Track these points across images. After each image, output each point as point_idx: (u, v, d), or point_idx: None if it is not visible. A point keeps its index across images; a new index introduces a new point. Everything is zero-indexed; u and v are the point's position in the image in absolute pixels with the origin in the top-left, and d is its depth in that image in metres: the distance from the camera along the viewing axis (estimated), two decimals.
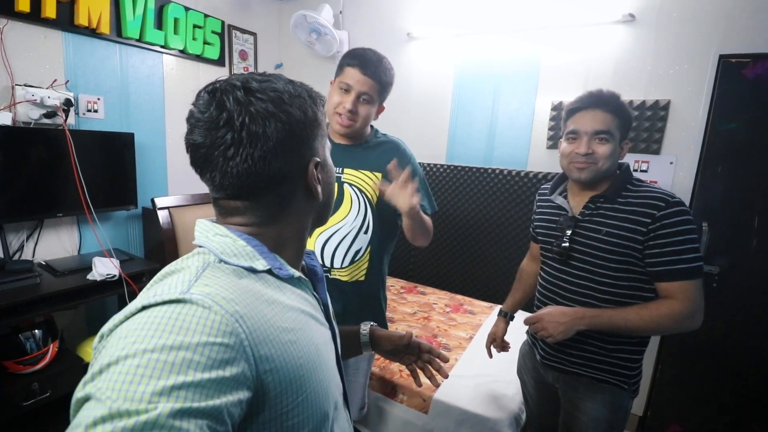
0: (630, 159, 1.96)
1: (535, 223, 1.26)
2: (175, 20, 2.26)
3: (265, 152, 0.48)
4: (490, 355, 1.40)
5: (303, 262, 0.64)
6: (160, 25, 2.21)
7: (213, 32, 2.48)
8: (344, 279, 1.24)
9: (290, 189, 0.53)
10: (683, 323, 0.96)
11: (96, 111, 2.01)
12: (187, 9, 2.31)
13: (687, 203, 1.86)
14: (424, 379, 0.85)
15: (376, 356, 1.73)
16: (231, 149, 0.47)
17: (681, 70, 1.85)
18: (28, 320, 1.64)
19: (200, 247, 0.51)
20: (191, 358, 0.36)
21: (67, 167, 1.79)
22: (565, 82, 2.11)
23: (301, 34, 2.56)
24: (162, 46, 2.24)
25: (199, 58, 2.45)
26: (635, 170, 1.97)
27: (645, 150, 1.94)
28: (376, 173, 1.22)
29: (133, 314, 0.40)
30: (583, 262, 1.06)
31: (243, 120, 0.46)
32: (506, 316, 1.39)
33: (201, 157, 0.50)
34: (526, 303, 1.40)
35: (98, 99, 2.02)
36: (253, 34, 2.80)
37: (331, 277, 1.23)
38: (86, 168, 1.84)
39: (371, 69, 1.14)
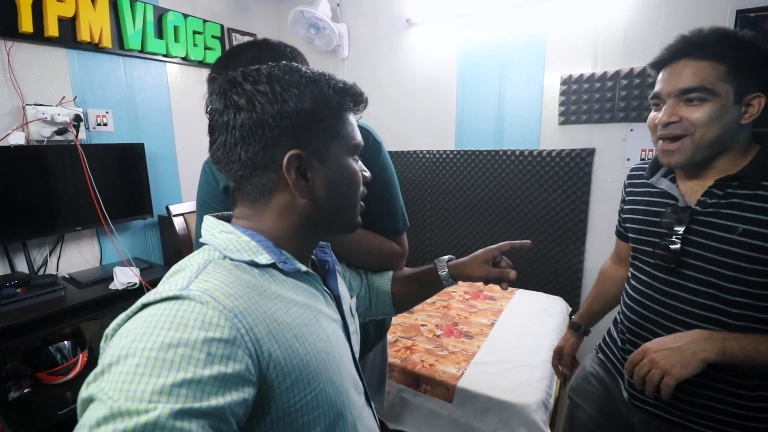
0: (645, 127, 1.88)
1: (624, 215, 0.93)
2: (175, 28, 2.27)
3: (234, 140, 0.49)
4: (559, 376, 1.17)
5: (314, 256, 0.63)
6: (160, 34, 2.23)
7: (213, 37, 2.49)
8: None
9: (269, 180, 0.50)
10: None
11: (105, 124, 2.05)
12: (185, 16, 2.32)
13: None
14: (445, 367, 0.84)
15: (396, 348, 1.72)
16: (215, 133, 0.51)
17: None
18: (56, 332, 1.69)
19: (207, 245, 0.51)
20: (190, 354, 0.36)
21: (82, 181, 1.83)
22: (573, 54, 2.03)
23: (300, 30, 2.54)
24: (164, 55, 2.26)
25: (201, 63, 2.46)
26: None
27: None
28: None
29: (135, 313, 0.40)
30: (704, 272, 0.73)
31: (219, 108, 0.49)
32: (579, 330, 1.09)
33: (209, 142, 0.53)
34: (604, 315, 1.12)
35: (107, 112, 2.05)
36: (253, 35, 2.80)
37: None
38: (100, 181, 1.88)
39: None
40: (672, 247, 0.76)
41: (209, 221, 0.53)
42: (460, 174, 2.45)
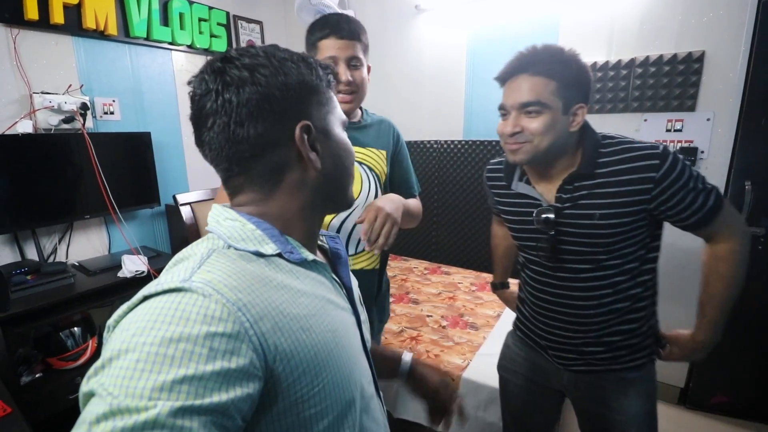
0: (662, 118, 1.84)
1: (498, 208, 1.05)
2: (181, 15, 2.25)
3: (241, 118, 0.46)
4: None
5: (326, 246, 0.62)
6: (166, 21, 2.20)
7: (219, 24, 2.46)
8: (362, 267, 1.13)
9: (280, 156, 0.49)
10: (746, 250, 0.85)
11: (112, 113, 2.05)
12: (191, 3, 2.29)
13: (728, 161, 1.74)
14: (451, 358, 0.84)
15: (401, 338, 1.72)
16: (210, 119, 0.47)
17: (715, 17, 1.69)
18: (66, 319, 1.71)
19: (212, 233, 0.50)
20: (192, 349, 0.35)
21: (90, 170, 1.84)
22: (587, 41, 1.98)
23: (307, 17, 2.49)
24: (170, 43, 2.24)
25: (207, 51, 2.44)
26: (668, 130, 1.84)
27: (679, 107, 1.80)
28: (380, 150, 1.16)
29: (136, 305, 0.39)
30: (580, 254, 0.87)
31: (217, 88, 0.46)
32: (504, 287, 1.29)
33: (195, 134, 0.50)
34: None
35: (113, 101, 2.05)
36: (259, 22, 2.77)
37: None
38: (108, 169, 1.89)
39: (346, 30, 1.02)
40: (551, 242, 0.88)
41: (215, 209, 0.51)
42: (468, 164, 2.42)
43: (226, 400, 0.35)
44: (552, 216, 0.87)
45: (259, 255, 0.47)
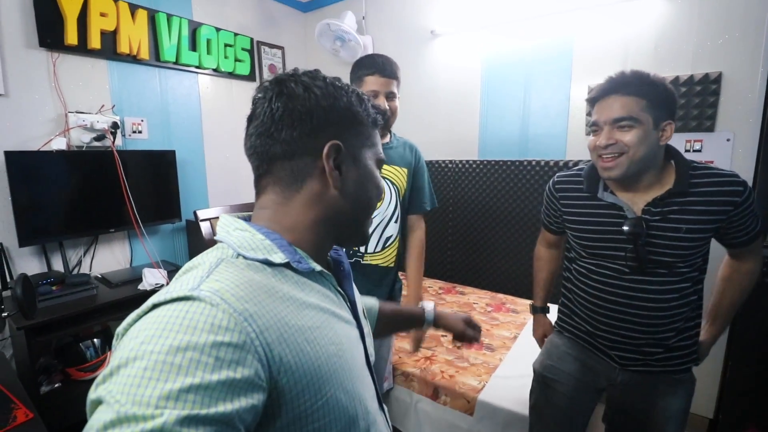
0: (680, 139, 1.82)
1: (567, 222, 1.09)
2: (208, 41, 2.37)
3: (282, 122, 0.51)
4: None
5: (328, 257, 0.63)
6: (194, 46, 2.33)
7: (243, 49, 2.58)
8: (377, 263, 1.36)
9: (306, 164, 0.52)
10: (756, 277, 1.02)
11: (140, 132, 2.14)
12: (218, 30, 2.42)
13: (750, 181, 1.70)
14: (466, 379, 0.86)
15: (415, 358, 1.70)
16: (258, 119, 0.53)
17: (731, 38, 1.70)
18: (87, 330, 1.75)
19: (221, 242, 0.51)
20: (198, 358, 0.35)
21: (117, 185, 1.92)
22: (601, 64, 2.00)
23: (326, 42, 2.60)
24: (197, 67, 2.35)
25: (231, 75, 2.55)
26: (687, 150, 1.82)
27: (697, 128, 1.79)
28: (403, 168, 1.40)
29: (146, 313, 0.40)
30: (664, 266, 0.94)
31: (272, 96, 0.52)
32: (545, 312, 1.31)
33: (245, 132, 0.56)
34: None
35: (142, 120, 2.15)
36: (281, 47, 2.89)
37: (363, 262, 1.34)
38: (134, 185, 1.96)
39: (388, 70, 1.31)
40: (643, 253, 0.93)
41: (225, 219, 0.53)
42: (483, 184, 2.42)
43: (231, 410, 0.35)
44: (644, 226, 0.93)
45: (268, 264, 0.47)
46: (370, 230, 1.20)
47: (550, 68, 2.16)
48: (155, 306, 0.39)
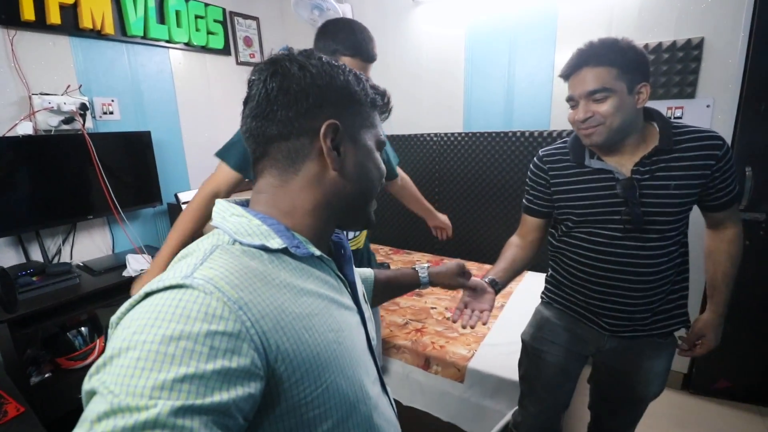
0: (661, 106, 1.84)
1: (555, 196, 1.08)
2: (177, 13, 2.24)
3: (278, 102, 0.50)
4: (455, 321, 0.98)
5: (330, 241, 0.61)
6: (162, 19, 2.19)
7: (215, 21, 2.45)
8: (353, 248, 1.34)
9: (303, 145, 0.51)
10: (741, 242, 1.04)
11: (111, 113, 2.04)
12: (187, 0, 2.28)
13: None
14: (456, 349, 0.86)
15: (406, 330, 1.73)
16: (253, 100, 0.51)
17: (714, 3, 1.69)
18: (73, 319, 1.72)
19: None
20: (192, 348, 0.34)
21: (92, 170, 1.84)
22: (585, 31, 1.97)
23: (303, 12, 2.49)
24: (167, 41, 2.23)
25: (204, 49, 2.43)
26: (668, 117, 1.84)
27: (678, 95, 1.81)
28: None
29: (138, 302, 0.39)
30: (656, 224, 0.96)
31: (266, 76, 0.50)
32: (496, 287, 1.06)
33: (242, 114, 0.54)
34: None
35: (112, 101, 2.04)
36: (255, 18, 2.75)
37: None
38: (109, 169, 1.89)
39: (371, 54, 1.20)
40: (637, 212, 0.95)
41: (220, 204, 0.52)
42: (468, 157, 2.42)
43: (227, 399, 0.34)
44: (635, 185, 0.95)
45: (265, 250, 0.47)
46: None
47: (534, 36, 2.12)
48: (148, 294, 0.39)
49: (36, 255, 1.83)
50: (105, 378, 0.33)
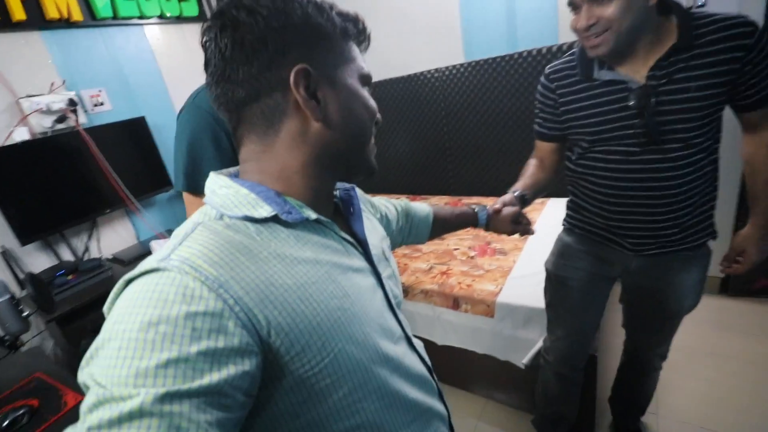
0: None
1: (564, 116, 1.00)
2: None
3: (234, 59, 0.44)
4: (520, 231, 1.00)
5: (337, 198, 0.58)
6: None
7: None
8: None
9: (275, 102, 0.45)
10: None
11: (102, 104, 2.01)
12: None
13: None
14: (483, 286, 0.86)
15: (431, 275, 1.74)
16: (211, 64, 0.46)
17: None
18: None
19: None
20: (173, 332, 0.33)
21: (96, 165, 1.84)
22: None
23: None
24: (139, 18, 2.12)
25: (179, 19, 2.30)
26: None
27: None
28: None
29: (121, 291, 0.38)
30: (678, 132, 0.85)
31: (216, 32, 0.44)
32: (515, 194, 1.04)
33: (206, 84, 0.49)
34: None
35: (99, 91, 2.00)
36: None
37: None
38: (113, 161, 1.89)
39: None
40: (654, 120, 0.85)
41: (212, 178, 0.49)
42: (474, 88, 2.27)
43: (219, 380, 0.34)
44: (650, 93, 0.84)
45: (252, 220, 0.44)
46: None
47: None
48: (128, 282, 0.38)
49: (66, 255, 1.90)
50: (93, 370, 0.33)
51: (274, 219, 0.45)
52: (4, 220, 1.62)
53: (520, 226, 0.98)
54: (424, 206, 0.91)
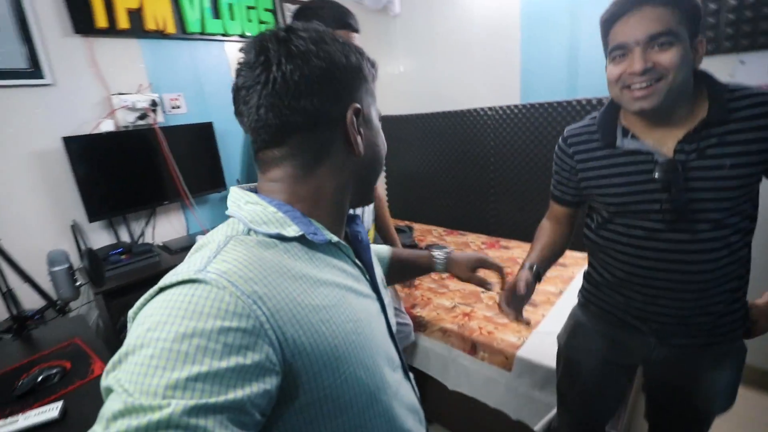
0: (765, 58, 1.52)
1: (583, 183, 0.92)
2: (230, 6, 2.33)
3: (300, 89, 0.46)
4: (513, 318, 0.99)
5: (346, 228, 0.60)
6: (217, 14, 2.30)
7: (266, 10, 2.51)
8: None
9: (328, 135, 0.49)
10: None
11: (179, 107, 2.22)
12: None
13: None
14: (505, 336, 0.84)
15: (453, 314, 1.70)
16: (262, 87, 0.46)
17: None
18: None
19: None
20: (206, 345, 0.34)
21: (164, 160, 2.04)
22: None
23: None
24: (223, 35, 2.34)
25: None
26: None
27: (750, 47, 1.47)
28: None
29: (153, 296, 0.39)
30: (709, 211, 0.78)
31: (280, 59, 0.45)
32: (532, 270, 0.98)
33: (240, 100, 0.49)
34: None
35: (178, 96, 2.22)
36: (303, 1, 2.77)
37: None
38: (179, 158, 2.08)
39: (355, 23, 1.15)
40: (683, 198, 0.78)
41: (235, 192, 0.51)
42: (527, 130, 2.24)
43: (242, 396, 0.34)
44: (679, 168, 0.78)
45: (281, 238, 0.45)
46: (367, 216, 1.24)
47: None
48: (162, 289, 0.38)
49: (124, 236, 2.10)
50: (120, 376, 0.33)
51: (298, 239, 0.47)
52: (80, 197, 1.83)
53: (476, 278, 0.91)
54: (383, 246, 0.90)
